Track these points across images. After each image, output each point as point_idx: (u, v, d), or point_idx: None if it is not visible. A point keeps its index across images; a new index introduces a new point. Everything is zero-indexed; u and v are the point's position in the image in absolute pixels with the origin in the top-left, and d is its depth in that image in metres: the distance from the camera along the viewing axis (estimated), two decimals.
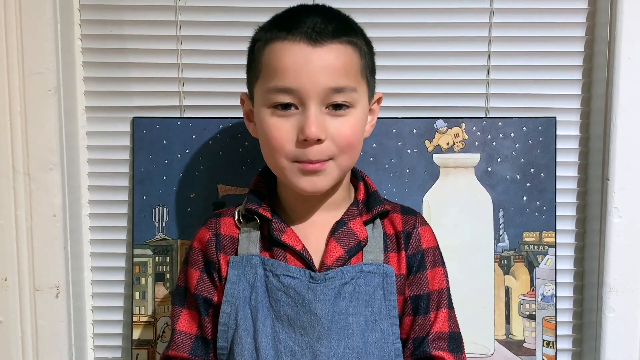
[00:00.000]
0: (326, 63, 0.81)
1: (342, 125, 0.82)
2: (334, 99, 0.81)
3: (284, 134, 0.82)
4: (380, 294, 0.86)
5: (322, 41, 0.81)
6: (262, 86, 0.84)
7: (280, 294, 0.84)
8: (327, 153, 0.82)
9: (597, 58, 1.11)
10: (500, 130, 1.11)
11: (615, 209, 1.07)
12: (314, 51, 0.80)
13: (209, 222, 0.91)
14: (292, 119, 0.82)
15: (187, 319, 0.90)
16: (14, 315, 1.08)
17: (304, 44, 0.80)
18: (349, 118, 0.83)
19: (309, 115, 0.80)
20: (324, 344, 0.83)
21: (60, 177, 1.07)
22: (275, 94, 0.81)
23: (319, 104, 0.81)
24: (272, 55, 0.82)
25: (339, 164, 0.84)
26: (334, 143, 0.82)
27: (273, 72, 0.82)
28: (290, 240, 0.86)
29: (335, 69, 0.81)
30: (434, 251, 0.92)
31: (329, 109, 0.82)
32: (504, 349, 1.11)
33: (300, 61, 0.80)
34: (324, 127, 0.81)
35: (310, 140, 0.80)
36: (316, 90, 0.80)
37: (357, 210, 0.90)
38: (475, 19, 1.11)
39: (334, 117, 0.82)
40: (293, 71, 0.80)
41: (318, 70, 0.80)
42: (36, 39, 1.04)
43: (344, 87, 0.81)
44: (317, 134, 0.80)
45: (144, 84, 1.13)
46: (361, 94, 0.85)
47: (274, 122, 0.82)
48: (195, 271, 0.90)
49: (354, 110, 0.84)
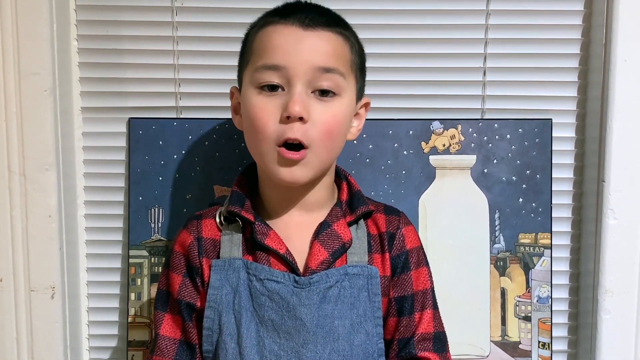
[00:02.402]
0: (317, 44, 0.82)
1: (326, 110, 0.82)
2: (321, 81, 0.81)
3: (269, 114, 0.81)
4: (364, 295, 0.86)
5: (314, 27, 0.82)
6: (251, 67, 0.84)
7: (264, 298, 0.84)
8: (307, 136, 0.81)
9: (593, 60, 1.11)
10: (496, 132, 1.11)
11: (611, 211, 1.07)
12: (305, 34, 0.82)
13: (190, 225, 0.90)
14: (277, 100, 0.81)
15: (170, 324, 0.89)
16: (9, 316, 1.08)
17: (296, 27, 0.82)
18: (334, 105, 0.83)
19: (294, 93, 0.80)
20: (310, 348, 0.82)
21: (56, 177, 1.07)
22: (263, 72, 0.82)
23: (306, 85, 0.81)
24: (264, 36, 0.83)
25: (317, 155, 0.83)
26: (314, 127, 0.81)
27: (263, 51, 0.82)
28: (273, 244, 0.85)
29: (325, 50, 0.82)
30: (417, 252, 0.92)
31: (315, 93, 0.82)
32: (500, 351, 1.11)
33: (291, 41, 0.81)
34: (308, 109, 0.81)
35: (292, 118, 0.80)
36: (304, 69, 0.80)
37: (340, 211, 0.89)
38: (472, 21, 1.12)
39: (319, 102, 0.82)
40: (283, 49, 0.81)
41: (308, 50, 0.81)
42: (32, 39, 1.04)
43: (332, 69, 0.82)
44: (300, 111, 0.80)
45: (140, 84, 1.12)
46: (349, 85, 0.85)
47: (259, 102, 0.82)
48: (177, 276, 0.89)
49: (340, 99, 0.84)
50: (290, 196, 0.88)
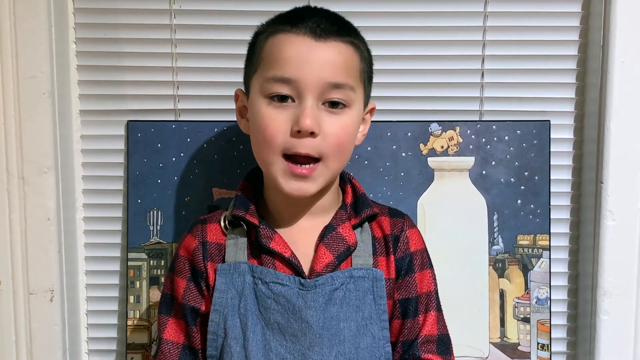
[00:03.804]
0: (328, 58, 0.81)
1: (337, 123, 0.82)
2: (332, 95, 0.81)
3: (278, 125, 0.81)
4: (370, 298, 0.86)
5: (325, 37, 0.81)
6: (260, 76, 0.83)
7: (270, 301, 0.84)
8: (317, 150, 0.81)
9: (591, 62, 1.11)
10: (495, 134, 1.11)
11: (609, 212, 1.07)
12: (317, 45, 0.81)
13: (195, 229, 0.90)
14: (287, 111, 0.81)
15: (174, 328, 0.89)
16: (8, 319, 1.08)
17: (307, 37, 0.81)
18: (344, 117, 0.83)
19: (305, 107, 0.80)
20: (316, 351, 0.82)
21: (55, 180, 1.07)
22: (273, 83, 0.81)
23: (317, 98, 0.81)
24: (275, 46, 0.82)
25: (328, 167, 0.83)
26: (325, 141, 0.81)
27: (274, 61, 0.82)
28: (278, 247, 0.85)
29: (336, 64, 0.81)
30: (422, 254, 0.92)
31: (326, 105, 0.82)
32: (499, 352, 1.11)
33: (302, 53, 0.80)
34: (319, 122, 0.81)
35: (303, 132, 0.80)
36: (315, 84, 0.80)
37: (345, 214, 0.89)
38: (470, 23, 1.12)
39: (330, 114, 0.82)
40: (294, 62, 0.80)
41: (319, 64, 0.80)
42: (30, 42, 1.04)
43: (342, 84, 0.81)
44: (311, 126, 0.79)
45: (138, 87, 1.12)
46: (358, 96, 0.85)
47: (269, 112, 0.82)
48: (182, 280, 0.89)
49: (350, 110, 0.83)
50: (296, 202, 0.88)
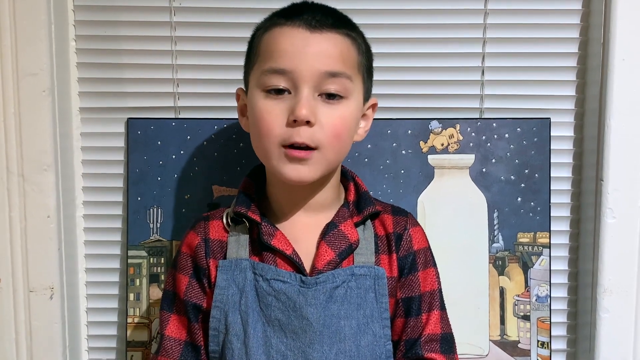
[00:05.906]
0: (323, 48, 0.81)
1: (333, 113, 0.82)
2: (328, 85, 0.81)
3: (275, 117, 0.81)
4: (371, 296, 0.86)
5: (321, 29, 0.81)
6: (257, 70, 0.84)
7: (271, 298, 0.84)
8: (314, 139, 0.81)
9: (591, 59, 1.11)
10: (495, 131, 1.11)
11: (609, 210, 1.07)
12: (312, 36, 0.81)
13: (198, 226, 0.90)
14: (284, 103, 0.81)
15: (176, 325, 0.89)
16: (8, 316, 1.08)
17: (303, 29, 0.81)
18: (341, 108, 0.83)
19: (301, 98, 0.80)
20: (316, 348, 0.82)
21: (55, 178, 1.07)
22: (270, 75, 0.81)
23: (313, 89, 0.81)
24: (271, 39, 0.83)
25: (325, 156, 0.83)
26: (322, 130, 0.81)
27: (270, 54, 0.82)
28: (280, 245, 0.85)
29: (331, 55, 0.81)
30: (425, 252, 0.91)
31: (322, 97, 0.82)
32: (499, 350, 1.11)
33: (297, 44, 0.81)
34: (315, 112, 0.81)
35: (299, 121, 0.80)
36: (311, 74, 0.80)
37: (347, 211, 0.89)
38: (470, 20, 1.12)
39: (326, 105, 0.82)
40: (290, 53, 0.81)
41: (315, 54, 0.81)
42: (30, 40, 1.04)
43: (338, 73, 0.81)
44: (307, 115, 0.79)
45: (138, 85, 1.12)
46: (356, 87, 0.84)
47: (266, 105, 0.82)
48: (184, 277, 0.89)
49: (347, 101, 0.83)
50: (297, 197, 0.88)
